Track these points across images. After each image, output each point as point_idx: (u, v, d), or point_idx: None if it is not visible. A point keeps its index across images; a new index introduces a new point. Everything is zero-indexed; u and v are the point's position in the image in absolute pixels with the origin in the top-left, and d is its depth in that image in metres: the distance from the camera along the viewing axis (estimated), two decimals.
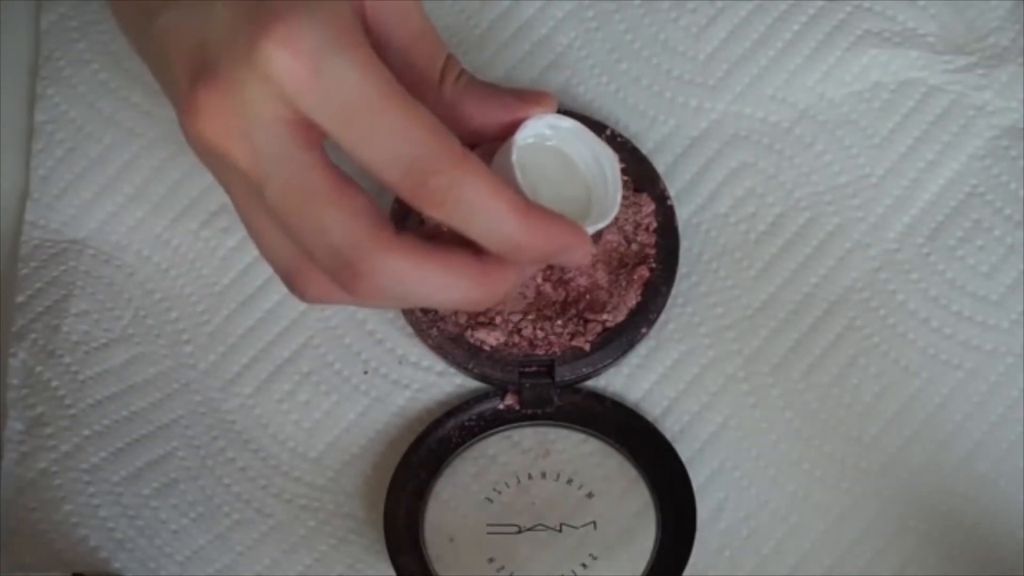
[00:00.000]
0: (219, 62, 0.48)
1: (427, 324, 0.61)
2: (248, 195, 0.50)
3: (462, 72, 0.54)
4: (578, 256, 0.51)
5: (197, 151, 0.50)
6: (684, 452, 0.60)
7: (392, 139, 0.47)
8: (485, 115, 0.53)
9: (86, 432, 0.60)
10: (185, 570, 0.59)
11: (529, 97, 0.54)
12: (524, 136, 0.53)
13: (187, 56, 0.49)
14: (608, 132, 0.63)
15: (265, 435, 0.62)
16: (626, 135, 0.64)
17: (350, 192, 0.48)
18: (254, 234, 0.51)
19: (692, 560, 0.58)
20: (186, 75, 0.49)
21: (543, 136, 0.54)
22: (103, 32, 0.66)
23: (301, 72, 0.46)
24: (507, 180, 0.51)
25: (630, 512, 0.59)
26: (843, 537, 0.60)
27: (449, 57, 0.54)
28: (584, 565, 0.58)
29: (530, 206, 0.49)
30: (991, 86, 0.65)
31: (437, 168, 0.47)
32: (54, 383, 0.61)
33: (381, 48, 0.52)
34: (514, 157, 0.52)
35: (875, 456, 0.61)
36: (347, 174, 0.49)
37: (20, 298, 0.63)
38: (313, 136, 0.48)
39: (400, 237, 0.49)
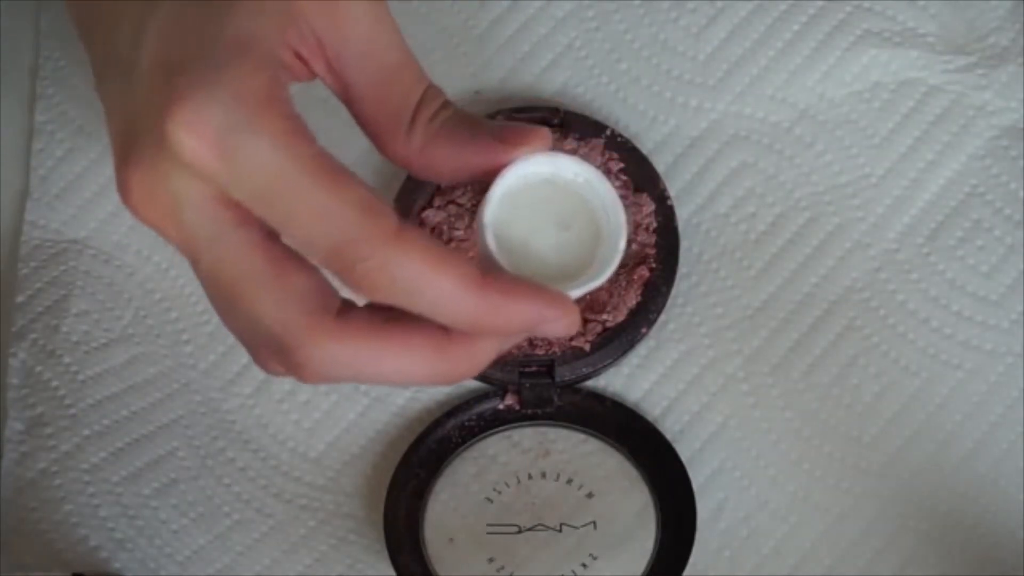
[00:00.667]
0: (142, 142, 0.45)
1: None
2: (192, 266, 0.47)
3: (441, 108, 0.48)
4: (560, 328, 0.46)
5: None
6: (684, 452, 0.60)
7: (311, 222, 0.43)
8: (458, 161, 0.48)
9: (86, 432, 0.60)
10: (185, 570, 0.59)
11: (511, 137, 0.48)
12: (503, 186, 0.47)
13: (119, 131, 0.46)
14: (608, 132, 0.63)
15: (265, 435, 0.62)
16: (626, 135, 0.64)
17: (288, 270, 0.45)
18: (210, 300, 0.47)
19: (692, 560, 0.58)
20: (119, 151, 0.46)
21: (534, 177, 0.48)
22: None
23: (208, 155, 0.43)
24: (482, 240, 0.47)
25: (630, 512, 0.59)
26: (843, 537, 0.60)
27: (428, 91, 0.48)
28: (584, 565, 0.58)
29: (485, 281, 0.44)
30: (991, 86, 0.65)
31: (362, 253, 0.43)
32: (54, 383, 0.61)
33: (346, 89, 0.48)
34: (487, 216, 0.47)
35: (875, 456, 0.61)
36: (288, 251, 0.45)
37: (20, 298, 0.62)
38: (245, 212, 0.44)
39: (346, 320, 0.45)
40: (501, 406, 0.61)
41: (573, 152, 0.63)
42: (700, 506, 0.59)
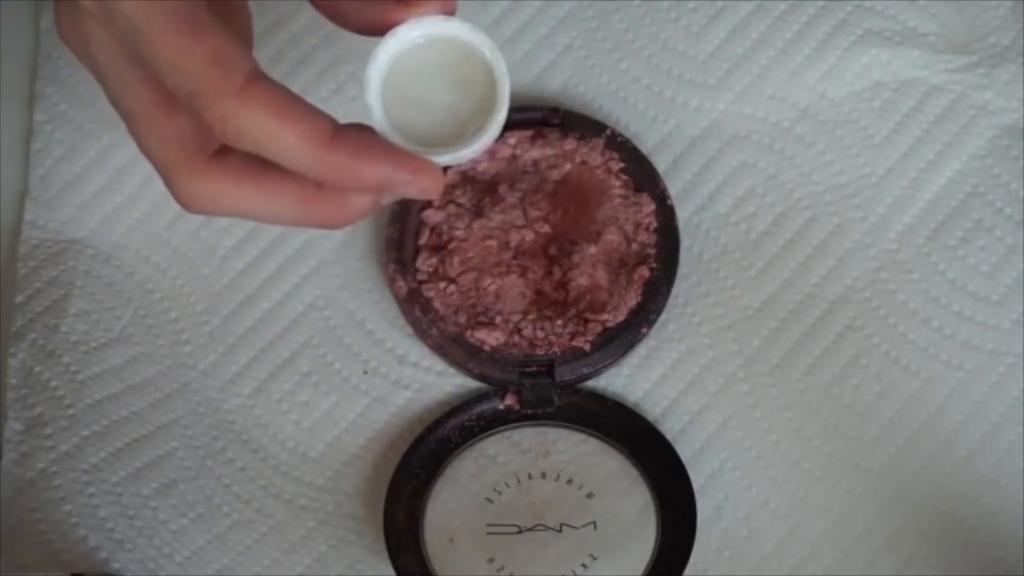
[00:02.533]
0: None
1: (427, 324, 0.61)
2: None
3: None
4: (412, 190, 0.48)
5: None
6: (684, 452, 0.60)
7: (169, 70, 0.47)
8: (358, 11, 0.50)
9: (86, 432, 0.60)
10: (185, 570, 0.59)
11: None
12: (390, 44, 0.49)
13: None
14: (608, 132, 0.63)
15: (265, 435, 0.62)
16: (626, 135, 0.64)
17: (168, 114, 0.49)
18: None
19: (692, 560, 0.58)
20: None
21: (427, 37, 0.49)
22: None
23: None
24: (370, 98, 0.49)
25: (630, 512, 0.59)
26: (843, 537, 0.60)
27: None
28: (584, 565, 0.58)
29: (333, 137, 0.47)
30: (992, 85, 0.65)
31: (209, 102, 0.46)
32: (53, 383, 0.61)
33: None
34: (368, 71, 0.49)
35: (875, 456, 0.61)
36: (173, 96, 0.48)
37: (20, 298, 0.62)
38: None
39: (221, 161, 0.49)
40: (501, 406, 0.61)
41: (573, 152, 0.63)
42: (700, 506, 0.59)
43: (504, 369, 0.61)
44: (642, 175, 0.63)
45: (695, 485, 0.59)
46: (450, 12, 0.50)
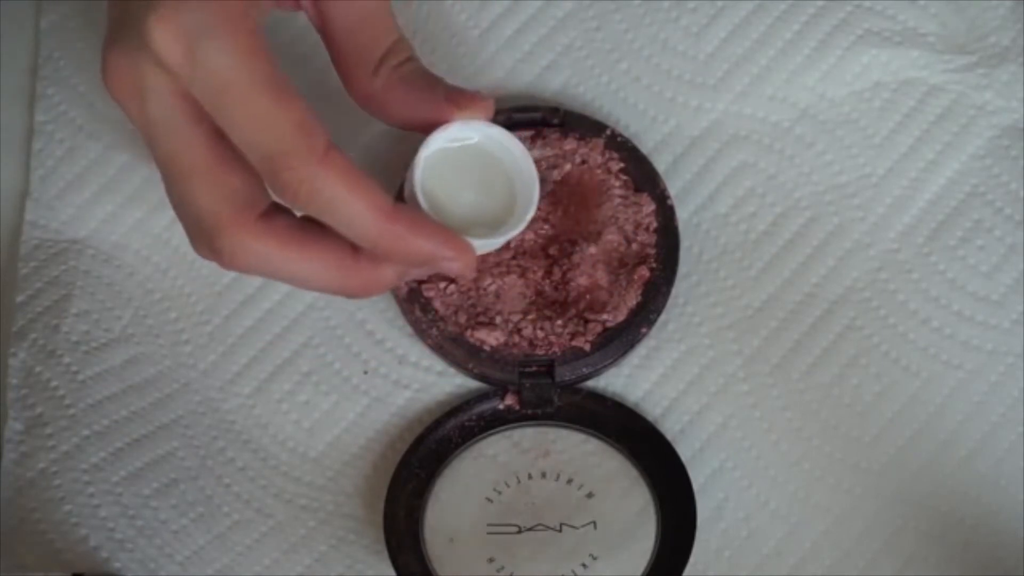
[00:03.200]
0: (127, 28, 0.50)
1: (427, 324, 0.61)
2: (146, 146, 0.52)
3: (407, 60, 0.55)
4: (455, 268, 0.53)
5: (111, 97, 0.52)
6: (684, 452, 0.60)
7: (252, 129, 0.49)
8: (409, 109, 0.54)
9: (86, 432, 0.60)
10: (185, 570, 0.59)
11: (459, 100, 0.55)
12: (437, 139, 0.54)
13: (113, 17, 0.52)
14: (608, 132, 0.63)
15: (265, 435, 0.62)
16: (626, 135, 0.64)
17: (224, 170, 0.51)
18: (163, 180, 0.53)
19: (692, 560, 0.58)
20: (109, 33, 0.52)
21: (461, 140, 0.55)
22: (103, 32, 0.65)
23: (175, 50, 0.49)
24: (412, 184, 0.53)
25: (630, 512, 0.59)
26: (843, 537, 0.60)
27: (397, 42, 0.55)
28: (584, 565, 0.58)
29: (394, 210, 0.51)
30: (992, 86, 0.65)
31: (290, 164, 0.49)
32: (54, 383, 0.61)
33: (325, 26, 0.54)
34: (418, 171, 0.53)
35: (875, 456, 0.61)
36: (232, 151, 0.50)
37: (20, 298, 0.62)
38: (200, 110, 0.50)
39: (268, 222, 0.51)
40: (501, 406, 0.61)
41: (573, 152, 0.63)
42: (700, 506, 0.59)
43: (504, 369, 0.61)
44: (642, 175, 0.63)
45: (695, 485, 0.59)
46: (489, 116, 0.55)
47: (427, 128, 0.54)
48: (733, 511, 0.60)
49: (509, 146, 0.55)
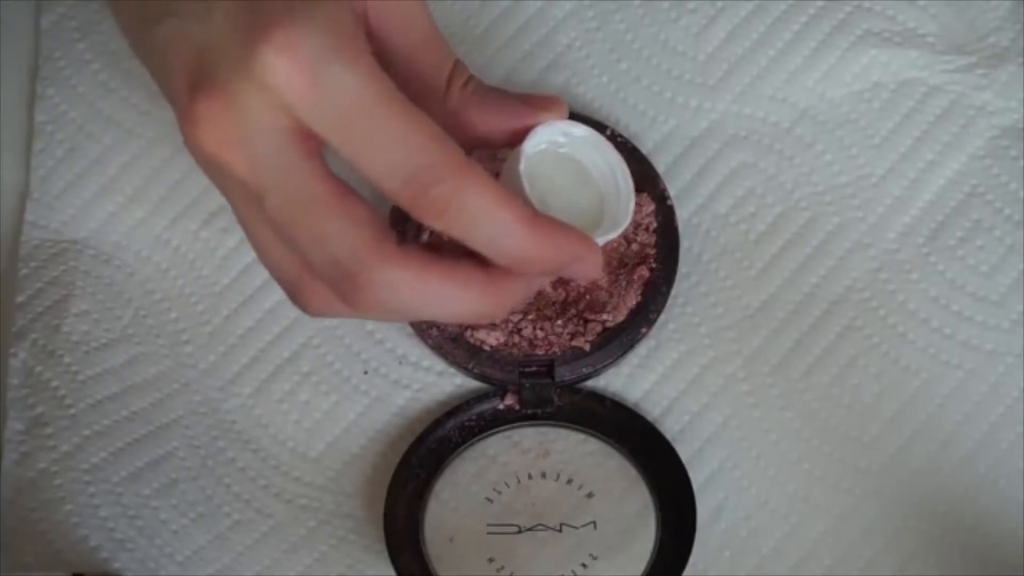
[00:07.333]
0: (218, 70, 0.46)
1: (427, 324, 0.61)
2: (248, 205, 0.49)
3: (470, 78, 0.52)
4: (588, 267, 0.50)
5: (198, 161, 0.49)
6: (684, 452, 0.60)
7: (392, 148, 0.46)
8: (491, 122, 0.52)
9: (86, 432, 0.60)
10: (185, 570, 0.59)
11: (538, 103, 0.52)
12: (533, 144, 0.52)
13: (187, 64, 0.48)
14: (608, 132, 0.63)
15: (265, 435, 0.62)
16: (626, 135, 0.64)
17: (350, 202, 0.47)
18: (255, 245, 0.50)
19: (692, 560, 0.58)
20: (186, 84, 0.47)
21: (555, 143, 0.53)
22: (103, 32, 0.66)
23: (299, 80, 0.45)
24: (514, 190, 0.50)
25: (630, 512, 0.59)
26: (843, 537, 0.60)
27: (457, 63, 0.52)
28: (584, 565, 0.58)
29: (537, 216, 0.48)
30: (991, 86, 0.65)
31: (438, 177, 0.46)
32: (54, 383, 0.61)
33: (384, 54, 0.51)
34: (522, 166, 0.51)
35: (875, 456, 0.61)
36: (347, 184, 0.48)
37: (20, 298, 0.63)
38: (313, 145, 0.47)
39: (403, 248, 0.48)
40: (501, 406, 0.61)
41: None
42: (700, 506, 0.59)
43: (504, 369, 0.61)
44: (642, 175, 0.63)
45: (695, 485, 0.59)
46: (565, 115, 0.53)
47: (513, 139, 0.52)
48: (733, 511, 0.60)
49: (600, 148, 0.54)
